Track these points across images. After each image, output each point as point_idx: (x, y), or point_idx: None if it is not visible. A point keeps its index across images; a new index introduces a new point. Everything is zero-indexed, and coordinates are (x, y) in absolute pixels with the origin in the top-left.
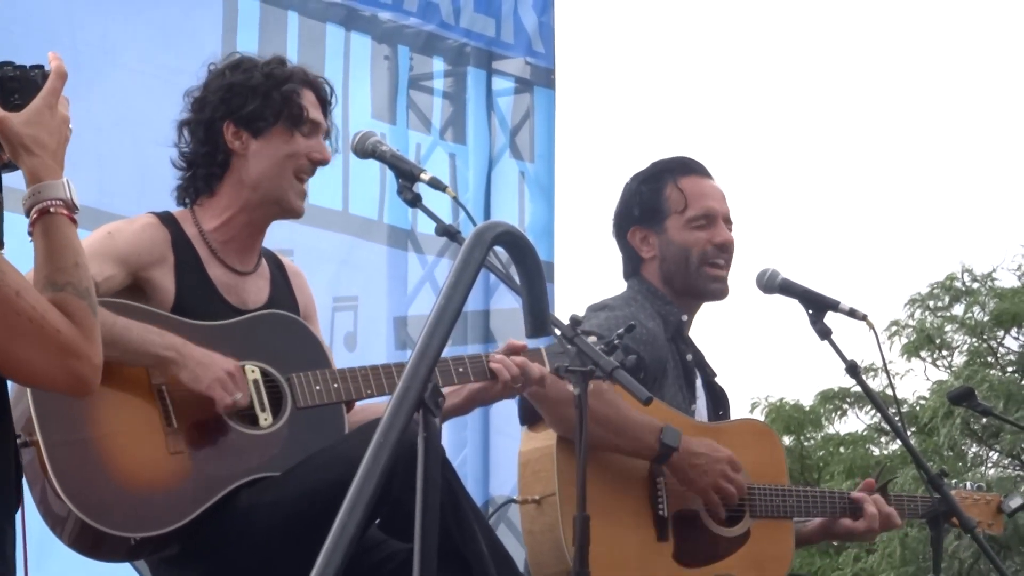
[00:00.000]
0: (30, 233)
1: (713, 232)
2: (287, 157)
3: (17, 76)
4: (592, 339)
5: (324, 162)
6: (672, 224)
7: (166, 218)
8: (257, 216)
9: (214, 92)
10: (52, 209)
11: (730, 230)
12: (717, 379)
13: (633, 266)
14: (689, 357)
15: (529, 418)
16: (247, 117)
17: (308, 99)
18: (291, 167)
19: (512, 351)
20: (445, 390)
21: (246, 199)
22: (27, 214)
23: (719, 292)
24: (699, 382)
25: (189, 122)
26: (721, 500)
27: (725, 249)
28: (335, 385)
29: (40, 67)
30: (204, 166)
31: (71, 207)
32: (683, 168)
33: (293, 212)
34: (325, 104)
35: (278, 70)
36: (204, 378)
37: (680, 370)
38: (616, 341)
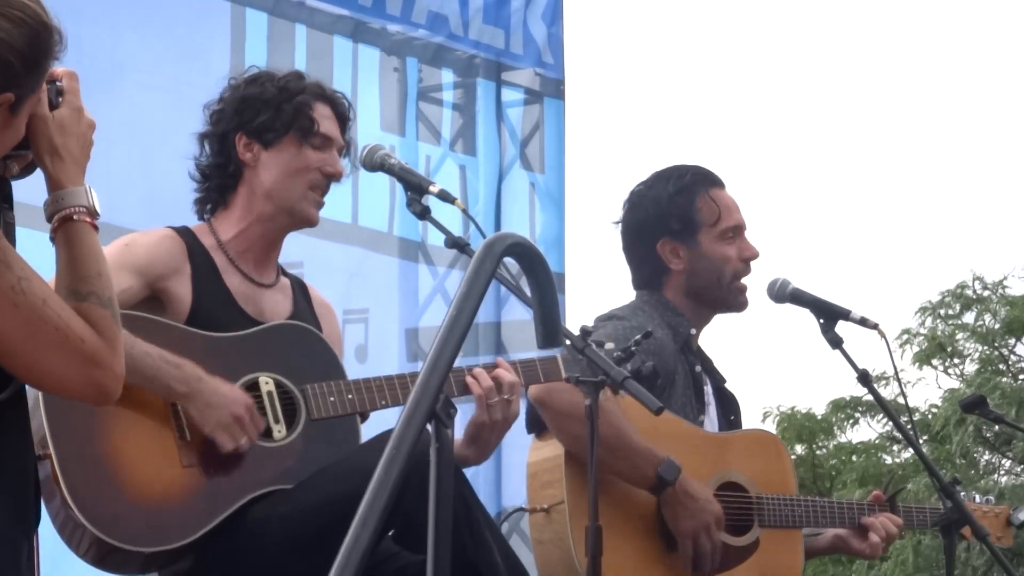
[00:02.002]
0: (52, 240)
1: (742, 246)
2: (298, 169)
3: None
4: (609, 346)
5: (336, 176)
6: (705, 237)
7: (183, 231)
8: (271, 227)
9: (229, 105)
10: (75, 216)
11: None
12: (727, 385)
13: (655, 277)
14: (698, 368)
15: (536, 427)
16: (258, 128)
17: (321, 112)
18: (302, 179)
19: (494, 367)
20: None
21: (259, 210)
22: (49, 220)
23: (744, 304)
24: (709, 390)
25: (206, 135)
26: (694, 554)
27: (750, 264)
28: (349, 396)
29: (51, 82)
30: (217, 177)
31: (93, 214)
32: (709, 180)
33: (307, 221)
34: (343, 120)
35: (293, 83)
36: (209, 421)
37: (689, 380)
38: (633, 348)
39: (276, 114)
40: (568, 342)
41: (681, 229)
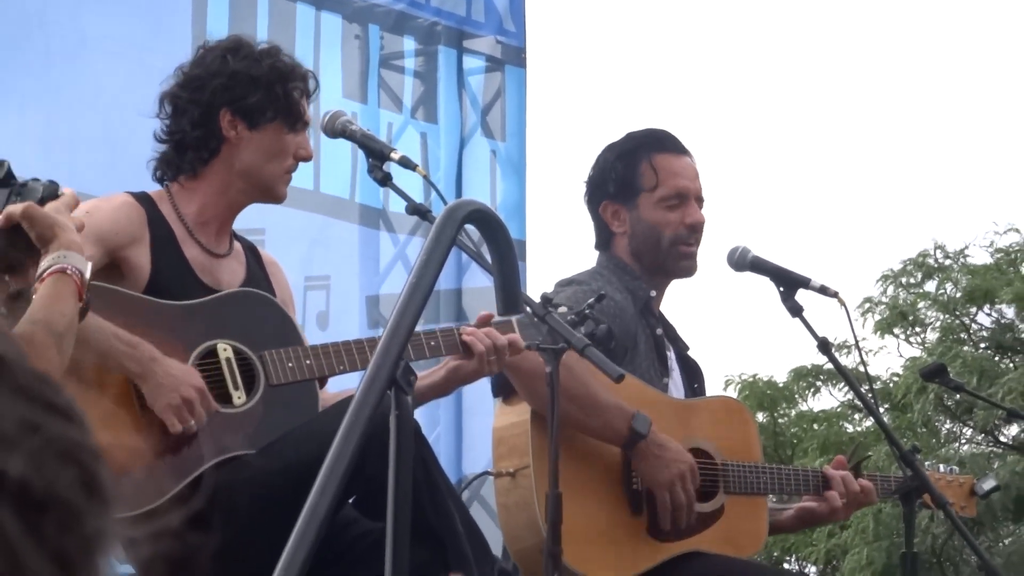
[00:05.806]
0: (39, 280)
1: (685, 212)
2: (278, 153)
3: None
4: (562, 310)
5: (309, 159)
6: (644, 202)
7: (142, 197)
8: (239, 200)
9: (215, 76)
10: (69, 271)
11: (701, 208)
12: (690, 353)
13: (604, 239)
14: (659, 331)
15: (503, 391)
16: (247, 108)
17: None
18: (281, 163)
19: (483, 323)
20: (422, 373)
21: (230, 183)
22: (45, 271)
23: (688, 269)
24: (672, 356)
25: (180, 98)
26: (671, 503)
27: (696, 230)
28: (307, 362)
29: (37, 180)
30: (194, 148)
31: (84, 283)
32: (658, 144)
33: (277, 199)
34: (308, 97)
35: (280, 63)
36: (159, 401)
37: (651, 343)
38: (587, 311)
39: (268, 97)
40: (529, 309)
41: (621, 193)
